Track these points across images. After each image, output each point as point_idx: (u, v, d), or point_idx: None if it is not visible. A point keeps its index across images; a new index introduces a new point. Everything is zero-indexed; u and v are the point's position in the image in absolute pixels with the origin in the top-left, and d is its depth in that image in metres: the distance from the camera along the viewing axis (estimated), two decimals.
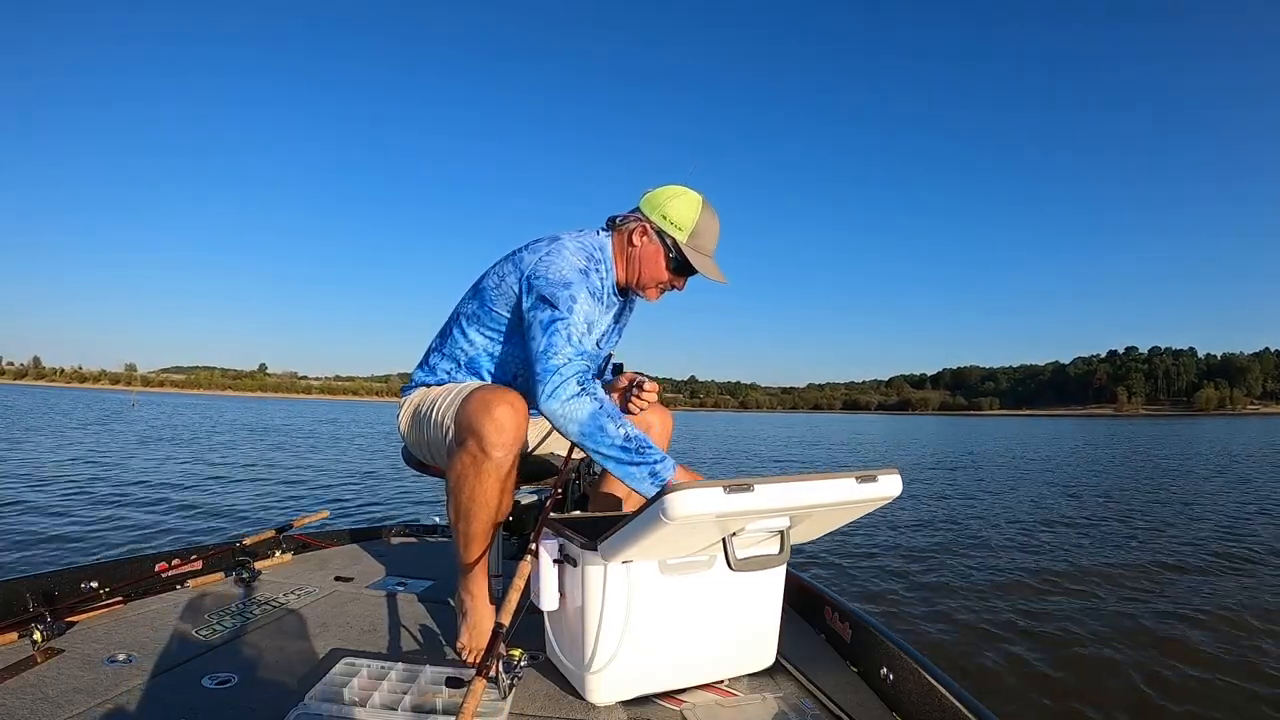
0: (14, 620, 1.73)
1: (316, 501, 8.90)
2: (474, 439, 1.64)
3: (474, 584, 1.79)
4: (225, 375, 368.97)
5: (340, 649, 1.79)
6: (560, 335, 1.69)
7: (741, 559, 1.43)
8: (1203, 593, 5.08)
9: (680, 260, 1.90)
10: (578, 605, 1.53)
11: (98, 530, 6.44)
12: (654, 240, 1.91)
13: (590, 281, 1.84)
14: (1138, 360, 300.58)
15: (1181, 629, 4.21)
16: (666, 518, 1.24)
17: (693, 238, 1.89)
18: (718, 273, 1.94)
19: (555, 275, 1.78)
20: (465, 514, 1.70)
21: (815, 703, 1.58)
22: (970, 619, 4.43)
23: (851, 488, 1.40)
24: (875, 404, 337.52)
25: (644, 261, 1.92)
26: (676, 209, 1.89)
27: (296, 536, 2.79)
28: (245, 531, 2.92)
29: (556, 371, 1.64)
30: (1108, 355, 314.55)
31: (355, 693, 1.45)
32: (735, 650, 1.66)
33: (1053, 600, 4.90)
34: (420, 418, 1.96)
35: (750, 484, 1.29)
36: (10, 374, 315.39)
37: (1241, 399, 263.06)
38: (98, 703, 1.43)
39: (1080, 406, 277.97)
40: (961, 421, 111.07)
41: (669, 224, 1.89)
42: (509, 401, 1.65)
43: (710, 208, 1.92)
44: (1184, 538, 7.22)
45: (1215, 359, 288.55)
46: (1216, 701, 3.25)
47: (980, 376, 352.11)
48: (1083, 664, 3.69)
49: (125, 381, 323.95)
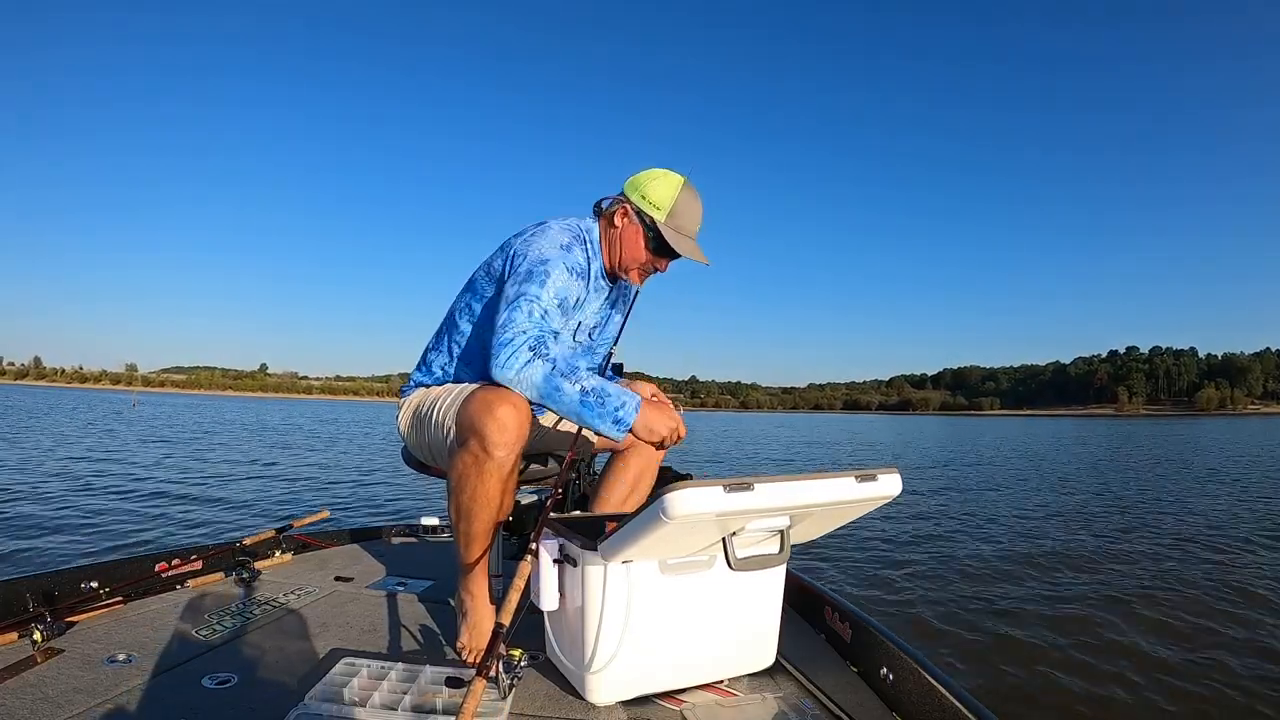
0: (14, 620, 1.73)
1: (316, 501, 8.89)
2: (476, 438, 1.64)
3: (474, 584, 1.79)
4: (226, 375, 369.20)
5: (340, 649, 1.79)
6: (520, 311, 1.71)
7: (741, 558, 1.42)
8: (1206, 594, 5.07)
9: (659, 240, 1.91)
10: (578, 605, 1.52)
11: (98, 530, 6.45)
12: (634, 221, 1.92)
13: (570, 258, 1.85)
14: (1138, 360, 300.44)
15: (1184, 631, 4.21)
16: (666, 517, 1.24)
17: (671, 218, 1.90)
18: (699, 253, 1.95)
19: (534, 253, 1.81)
20: (466, 513, 1.70)
21: (815, 703, 1.58)
22: (971, 619, 4.42)
23: (851, 487, 1.40)
24: (876, 404, 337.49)
25: (624, 242, 1.94)
26: (656, 189, 1.91)
27: (296, 536, 2.78)
28: (245, 531, 2.92)
29: (508, 344, 1.67)
30: (1108, 355, 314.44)
31: (355, 693, 1.45)
32: (735, 650, 1.65)
33: (1054, 601, 4.89)
34: (420, 418, 1.97)
35: (750, 483, 1.28)
36: (11, 374, 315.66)
37: (1242, 399, 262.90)
38: (98, 703, 1.42)
39: (1081, 406, 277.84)
40: (962, 421, 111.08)
41: (648, 204, 1.90)
42: (511, 401, 1.65)
43: (692, 189, 1.93)
44: (1188, 540, 7.22)
45: (1216, 359, 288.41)
46: (1217, 703, 3.24)
47: (981, 376, 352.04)
48: (1084, 664, 3.69)
49: (126, 382, 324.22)
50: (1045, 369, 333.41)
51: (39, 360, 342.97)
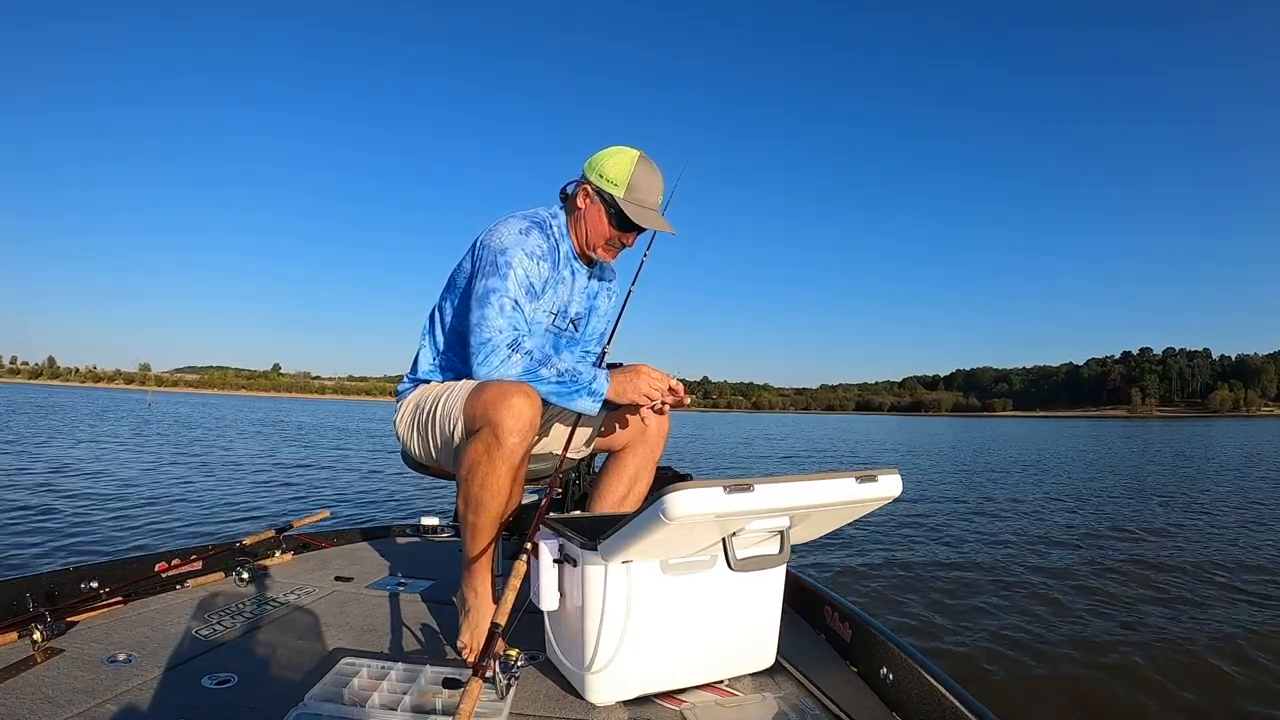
0: (14, 620, 1.73)
1: (317, 501, 8.89)
2: (489, 427, 1.68)
3: (478, 581, 1.79)
4: (239, 375, 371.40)
5: (340, 649, 1.79)
6: (491, 308, 1.81)
7: (741, 559, 1.42)
8: (1209, 597, 5.02)
9: (621, 216, 1.96)
10: (578, 605, 1.52)
11: (98, 530, 6.46)
12: (595, 200, 1.98)
13: (529, 242, 1.91)
14: (1152, 361, 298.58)
15: (1185, 634, 4.15)
16: (666, 518, 1.23)
17: (630, 191, 1.95)
18: (663, 223, 2.01)
19: (495, 244, 1.88)
20: (476, 503, 1.71)
21: (815, 703, 1.57)
22: (971, 619, 4.40)
23: (851, 488, 1.39)
24: (888, 405, 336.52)
25: (588, 221, 2.00)
26: (611, 166, 1.96)
27: (296, 536, 2.79)
28: (245, 531, 2.93)
29: (486, 343, 1.79)
30: (1122, 356, 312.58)
31: (355, 693, 1.45)
32: (735, 650, 1.64)
33: (1055, 601, 4.85)
34: (421, 417, 1.98)
35: (750, 484, 1.28)
36: (26, 374, 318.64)
37: (1256, 400, 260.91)
38: (98, 703, 1.42)
39: (1094, 407, 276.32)
40: (974, 423, 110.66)
41: (605, 181, 1.95)
42: (524, 392, 1.70)
43: (649, 162, 1.98)
44: (1192, 541, 7.15)
45: (1230, 360, 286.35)
46: (1217, 705, 3.21)
47: (993, 377, 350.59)
48: (1084, 665, 3.66)
49: (140, 381, 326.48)
50: (1058, 370, 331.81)
51: (53, 360, 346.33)
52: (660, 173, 2.01)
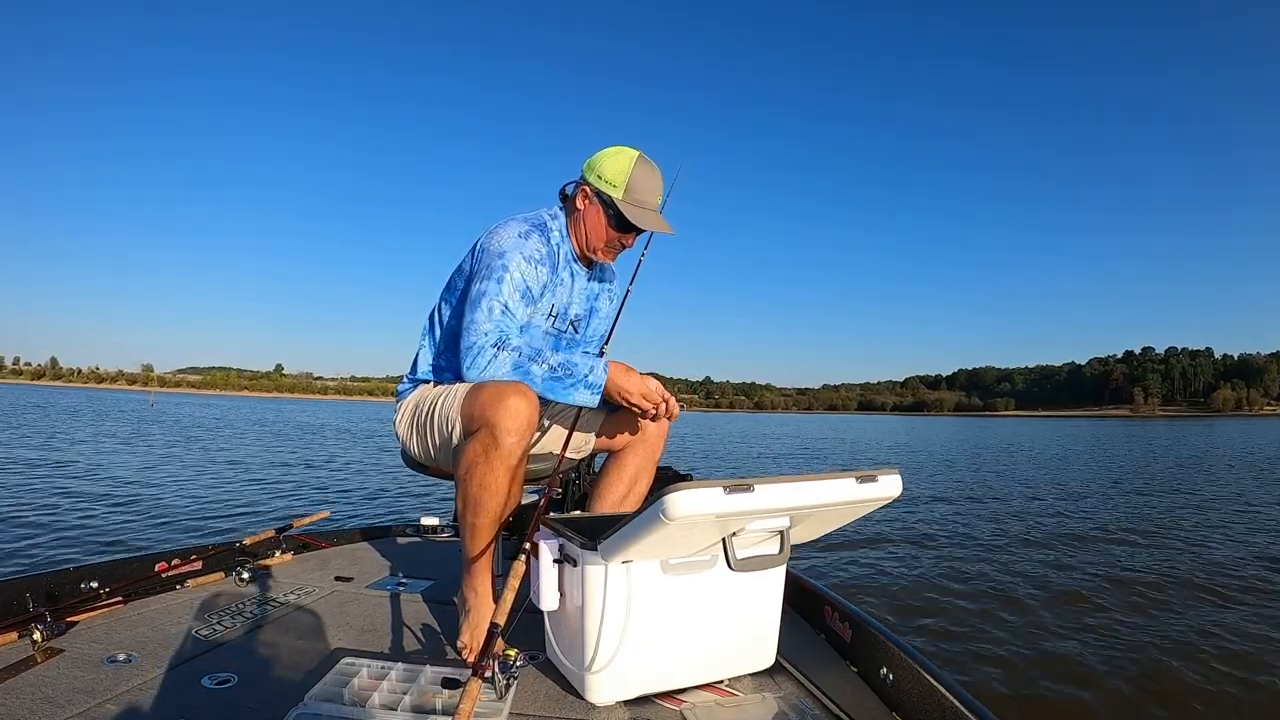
0: (14, 620, 1.73)
1: (317, 501, 8.90)
2: (486, 427, 1.67)
3: (479, 580, 1.79)
4: (241, 376, 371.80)
5: (340, 649, 1.79)
6: (481, 311, 1.80)
7: (742, 559, 1.41)
8: (1216, 598, 5.02)
9: (620, 217, 1.95)
10: (578, 605, 1.51)
11: (99, 530, 6.47)
12: (594, 201, 1.97)
13: (527, 246, 1.90)
14: (1154, 361, 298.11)
15: (1187, 637, 4.14)
16: (666, 518, 1.23)
17: (629, 193, 1.93)
18: (662, 224, 1.99)
19: (494, 247, 1.88)
20: (474, 503, 1.71)
21: (815, 703, 1.56)
22: (972, 619, 4.39)
23: (851, 488, 1.39)
24: (890, 405, 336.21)
25: (587, 223, 1.99)
26: (610, 167, 1.95)
27: (296, 536, 2.78)
28: (245, 531, 2.93)
29: (472, 346, 1.78)
30: (1124, 356, 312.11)
31: (355, 693, 1.44)
32: (735, 650, 1.64)
33: (1055, 602, 4.85)
34: (420, 418, 1.98)
35: (750, 484, 1.27)
36: (28, 374, 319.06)
37: (1259, 400, 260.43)
38: (98, 703, 1.42)
39: (1096, 407, 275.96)
40: (976, 422, 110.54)
41: (604, 183, 1.94)
42: (521, 392, 1.70)
43: (647, 162, 1.97)
44: (1198, 545, 7.14)
45: (1232, 359, 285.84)
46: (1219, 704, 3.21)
47: (996, 377, 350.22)
48: (1085, 665, 3.65)
49: (142, 382, 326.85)
50: (1060, 369, 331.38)
51: (55, 361, 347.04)
52: (659, 173, 1.99)
